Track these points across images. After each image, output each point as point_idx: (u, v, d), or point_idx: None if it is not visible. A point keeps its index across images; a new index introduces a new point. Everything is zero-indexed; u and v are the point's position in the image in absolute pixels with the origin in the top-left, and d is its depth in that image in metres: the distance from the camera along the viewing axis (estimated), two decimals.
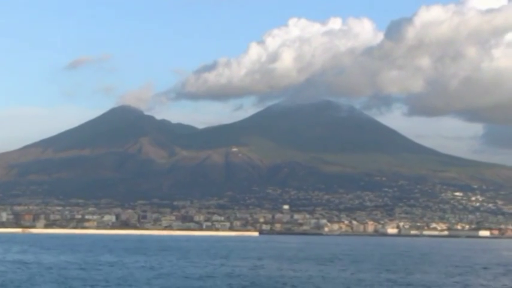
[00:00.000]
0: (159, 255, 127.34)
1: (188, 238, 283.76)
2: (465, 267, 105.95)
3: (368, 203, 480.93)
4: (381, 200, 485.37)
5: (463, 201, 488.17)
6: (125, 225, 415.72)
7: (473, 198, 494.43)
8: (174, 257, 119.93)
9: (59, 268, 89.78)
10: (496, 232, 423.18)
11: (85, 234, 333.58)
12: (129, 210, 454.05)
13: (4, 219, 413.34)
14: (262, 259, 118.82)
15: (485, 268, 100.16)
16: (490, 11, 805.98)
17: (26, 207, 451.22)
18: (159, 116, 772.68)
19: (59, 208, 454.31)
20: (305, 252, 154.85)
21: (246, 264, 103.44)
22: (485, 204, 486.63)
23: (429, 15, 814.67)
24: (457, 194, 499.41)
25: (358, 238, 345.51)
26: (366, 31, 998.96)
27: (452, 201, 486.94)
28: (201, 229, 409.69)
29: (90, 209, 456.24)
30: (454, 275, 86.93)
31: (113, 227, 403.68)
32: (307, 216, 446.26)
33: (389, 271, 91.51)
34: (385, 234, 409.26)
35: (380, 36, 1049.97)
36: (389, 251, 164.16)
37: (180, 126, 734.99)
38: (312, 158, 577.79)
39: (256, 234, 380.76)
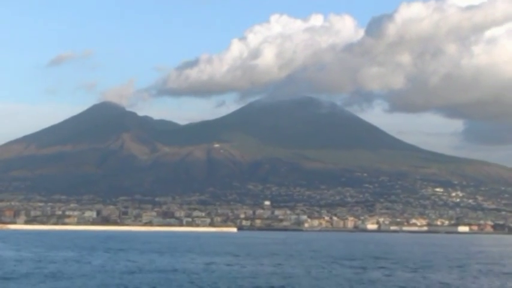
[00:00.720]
0: (120, 251, 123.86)
1: (165, 234, 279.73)
2: (421, 261, 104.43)
3: (349, 199, 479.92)
4: (361, 196, 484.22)
5: (444, 197, 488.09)
6: (106, 221, 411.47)
7: (453, 194, 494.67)
8: (133, 253, 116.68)
9: (12, 262, 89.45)
10: (475, 228, 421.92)
11: (64, 230, 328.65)
12: (111, 206, 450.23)
13: None
14: (218, 255, 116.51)
15: (433, 265, 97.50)
16: (470, 7, 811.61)
17: (8, 203, 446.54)
18: (141, 113, 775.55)
19: (41, 204, 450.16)
20: (269, 247, 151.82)
21: (197, 260, 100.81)
22: (465, 200, 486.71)
23: (410, 12, 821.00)
24: (437, 189, 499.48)
25: (337, 234, 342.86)
26: (347, 28, 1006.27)
27: (432, 197, 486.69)
28: (181, 225, 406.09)
29: (72, 205, 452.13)
30: (405, 271, 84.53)
31: (93, 223, 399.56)
32: (288, 212, 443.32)
33: (325, 268, 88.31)
34: (365, 230, 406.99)
35: (361, 33, 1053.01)
36: (354, 248, 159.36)
37: (162, 122, 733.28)
38: (293, 154, 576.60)
39: (234, 230, 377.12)
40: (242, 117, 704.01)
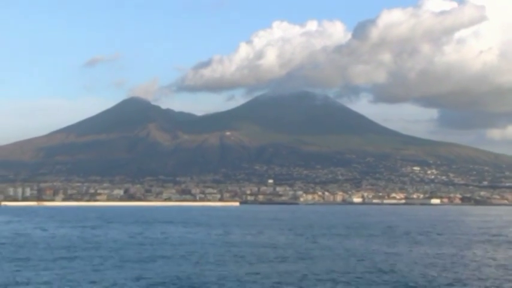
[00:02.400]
0: (111, 224, 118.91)
1: (175, 209, 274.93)
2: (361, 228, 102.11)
3: (340, 177, 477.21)
4: (350, 174, 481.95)
5: (420, 175, 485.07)
6: (131, 198, 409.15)
7: (428, 172, 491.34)
8: (122, 225, 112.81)
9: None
10: (445, 200, 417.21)
11: (94, 206, 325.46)
12: (138, 185, 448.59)
13: (28, 194, 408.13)
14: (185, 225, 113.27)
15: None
16: (442, 12, 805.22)
17: (50, 184, 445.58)
18: (164, 106, 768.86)
19: (78, 184, 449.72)
20: (235, 219, 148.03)
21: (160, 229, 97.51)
22: (439, 176, 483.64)
23: (390, 17, 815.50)
24: (415, 168, 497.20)
25: (325, 207, 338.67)
26: (338, 32, 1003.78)
27: (411, 174, 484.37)
28: (195, 200, 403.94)
29: (105, 184, 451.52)
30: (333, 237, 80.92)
31: (121, 200, 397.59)
32: (288, 188, 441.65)
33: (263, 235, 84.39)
34: (351, 203, 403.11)
35: (348, 36, 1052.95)
36: (318, 219, 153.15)
37: (181, 114, 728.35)
38: (293, 139, 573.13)
39: (237, 204, 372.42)
40: (249, 109, 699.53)
